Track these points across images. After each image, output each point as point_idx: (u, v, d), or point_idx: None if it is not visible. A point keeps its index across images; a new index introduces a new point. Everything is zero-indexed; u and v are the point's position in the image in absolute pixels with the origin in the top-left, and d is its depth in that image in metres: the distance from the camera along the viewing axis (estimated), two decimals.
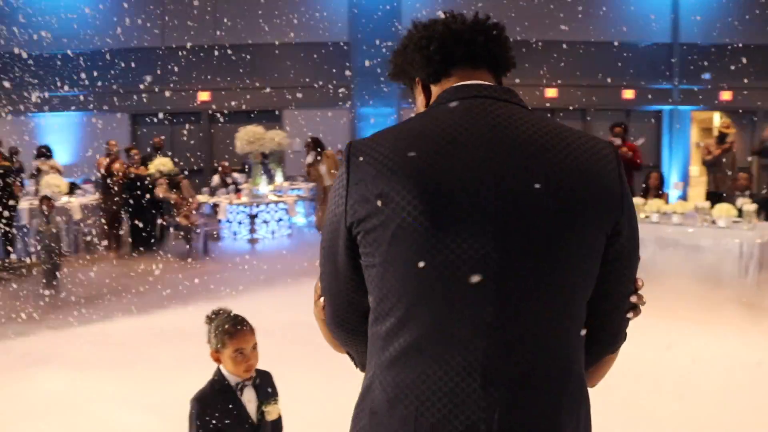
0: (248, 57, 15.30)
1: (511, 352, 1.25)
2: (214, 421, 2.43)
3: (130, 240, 10.23)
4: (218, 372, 2.53)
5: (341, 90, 15.10)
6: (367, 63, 14.38)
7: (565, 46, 14.51)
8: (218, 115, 15.45)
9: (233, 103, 15.34)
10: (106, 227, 10.22)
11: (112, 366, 5.28)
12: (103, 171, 10.46)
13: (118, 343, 5.87)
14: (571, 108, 15.52)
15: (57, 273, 8.02)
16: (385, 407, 1.30)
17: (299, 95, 14.98)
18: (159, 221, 10.61)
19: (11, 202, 9.53)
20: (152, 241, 10.20)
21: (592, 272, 1.32)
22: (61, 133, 15.82)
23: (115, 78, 15.34)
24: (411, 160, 1.27)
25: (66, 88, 15.37)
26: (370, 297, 1.35)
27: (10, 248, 9.52)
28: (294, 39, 15.02)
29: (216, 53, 15.09)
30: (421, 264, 1.24)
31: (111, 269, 9.11)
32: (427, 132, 1.31)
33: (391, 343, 1.30)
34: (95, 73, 15.31)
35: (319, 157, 11.15)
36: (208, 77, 15.41)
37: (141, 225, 9.57)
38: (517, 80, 13.81)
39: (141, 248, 9.84)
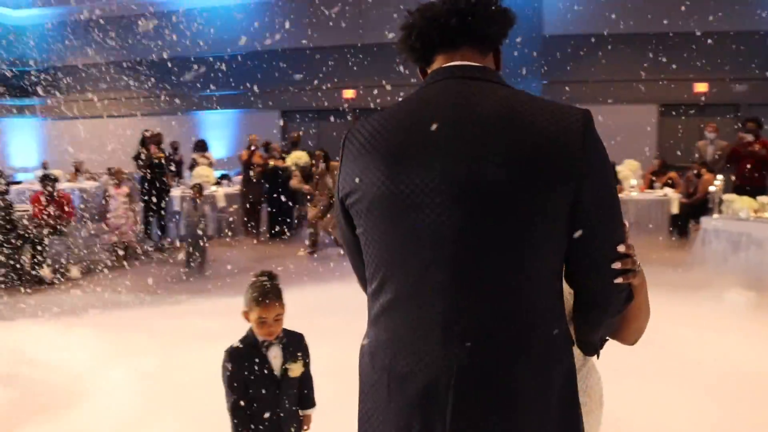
0: (391, 55, 15.67)
1: (468, 313, 1.35)
2: (241, 372, 2.71)
3: (267, 226, 10.90)
4: (249, 329, 2.79)
5: None
6: (506, 60, 14.31)
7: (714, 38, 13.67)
8: (362, 112, 15.97)
9: (377, 100, 15.83)
10: (246, 214, 10.95)
11: None
12: (243, 162, 11.22)
13: None
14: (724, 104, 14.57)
15: (201, 254, 8.75)
16: (368, 359, 1.49)
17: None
18: (296, 211, 11.21)
19: (165, 190, 10.48)
20: (288, 228, 10.82)
21: (551, 237, 1.36)
22: (218, 129, 17.05)
23: (268, 77, 16.31)
24: (384, 140, 1.43)
25: (223, 87, 16.59)
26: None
27: (160, 232, 10.51)
28: None
29: (360, 52, 15.62)
30: (387, 230, 1.41)
31: (249, 252, 9.81)
32: (402, 113, 1.46)
33: (375, 303, 1.47)
34: (250, 74, 16.38)
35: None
36: (353, 76, 15.98)
37: (277, 213, 10.19)
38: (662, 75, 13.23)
39: (278, 235, 10.47)
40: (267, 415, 2.72)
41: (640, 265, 1.51)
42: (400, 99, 1.54)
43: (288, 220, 11.04)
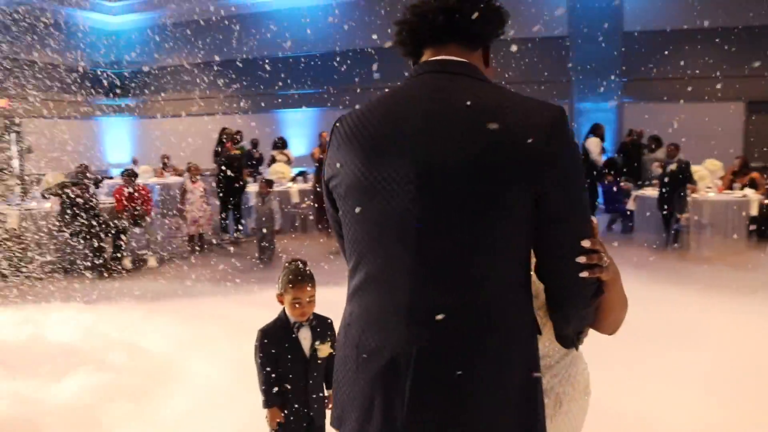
0: None
1: (431, 297, 1.43)
2: (273, 351, 2.90)
3: None
4: (282, 311, 2.97)
5: (559, 85, 14.95)
6: (586, 57, 14.11)
7: None
8: None
9: None
10: (318, 210, 11.23)
11: None
12: (315, 160, 11.50)
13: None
14: None
15: (270, 247, 9.06)
16: (343, 333, 1.61)
17: (517, 90, 15.08)
18: None
19: (240, 185, 10.87)
20: None
21: (513, 230, 1.42)
22: (298, 127, 17.48)
23: (346, 77, 16.60)
24: (364, 131, 1.52)
25: (303, 86, 17.00)
26: None
27: (237, 225, 10.92)
28: (512, 35, 15.16)
29: None
30: (360, 215, 1.51)
31: (319, 247, 10.06)
32: (382, 106, 1.55)
33: (351, 282, 1.58)
34: (328, 73, 16.72)
35: None
36: None
37: None
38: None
39: None
40: (295, 391, 2.91)
41: (611, 260, 1.54)
42: (386, 91, 1.62)
43: None
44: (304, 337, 2.94)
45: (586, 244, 1.44)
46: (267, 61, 17.31)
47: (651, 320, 5.56)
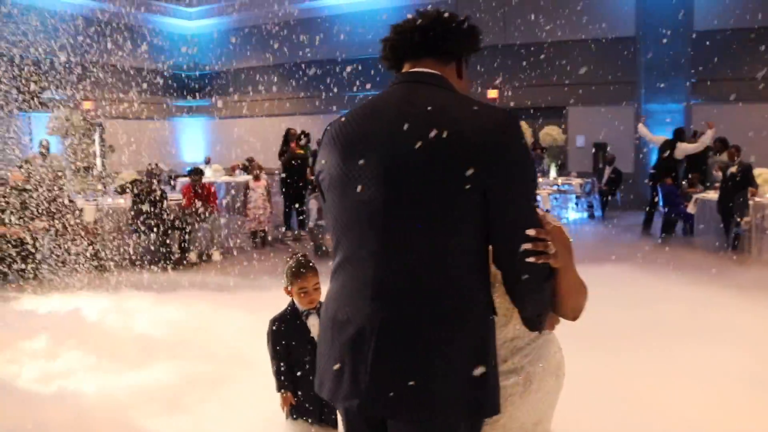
0: (534, 55, 15.68)
1: (394, 276, 1.65)
2: (284, 338, 3.16)
3: None
4: (291, 301, 3.23)
5: (626, 86, 14.76)
6: (654, 57, 13.88)
7: None
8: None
9: (518, 101, 15.88)
10: None
11: None
12: None
13: None
14: None
15: (325, 243, 9.38)
16: (324, 308, 1.87)
17: (583, 92, 14.99)
18: None
19: (303, 184, 11.24)
20: None
21: (465, 219, 1.62)
22: None
23: None
24: (345, 132, 1.77)
25: (369, 87, 17.28)
26: None
27: (298, 223, 11.30)
28: (579, 35, 15.08)
29: (503, 53, 15.73)
30: (339, 204, 1.77)
31: None
32: (362, 111, 1.79)
33: (333, 262, 1.82)
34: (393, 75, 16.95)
35: None
36: (496, 76, 16.11)
37: None
38: None
39: None
40: (307, 375, 3.13)
41: (564, 249, 1.73)
42: (369, 98, 1.88)
43: None
44: (312, 324, 3.16)
45: (531, 232, 1.62)
46: (336, 63, 17.73)
47: (706, 323, 5.61)
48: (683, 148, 10.96)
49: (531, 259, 1.63)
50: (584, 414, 3.74)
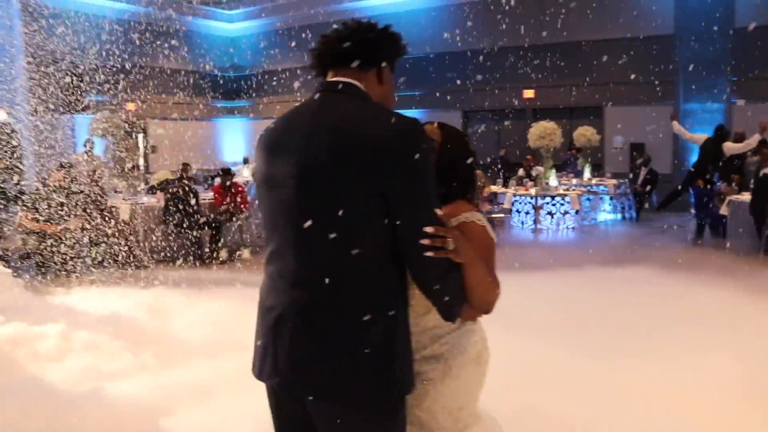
0: (571, 54, 15.59)
1: (308, 267, 1.81)
2: None
3: None
4: None
5: (665, 85, 14.56)
6: (693, 55, 13.67)
7: None
8: (540, 111, 16.04)
9: (555, 100, 15.83)
10: None
11: None
12: None
13: None
14: None
15: None
16: (259, 296, 2.00)
17: (620, 92, 14.86)
18: None
19: None
20: None
21: (365, 217, 1.76)
22: None
23: (449, 78, 16.90)
24: (270, 138, 1.94)
25: (408, 88, 17.41)
26: None
27: None
28: (617, 34, 14.93)
29: (541, 52, 15.69)
30: (265, 202, 1.95)
31: None
32: (286, 117, 1.95)
33: (266, 253, 1.98)
34: (432, 75, 17.06)
35: None
36: (533, 75, 16.07)
37: None
38: None
39: None
40: None
41: (467, 245, 1.85)
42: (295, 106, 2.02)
43: None
44: None
45: (428, 230, 1.75)
46: None
47: (732, 328, 5.54)
48: (730, 147, 10.80)
49: (429, 253, 1.76)
50: (591, 413, 3.86)
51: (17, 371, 4.74)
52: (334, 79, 1.93)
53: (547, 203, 11.57)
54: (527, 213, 11.75)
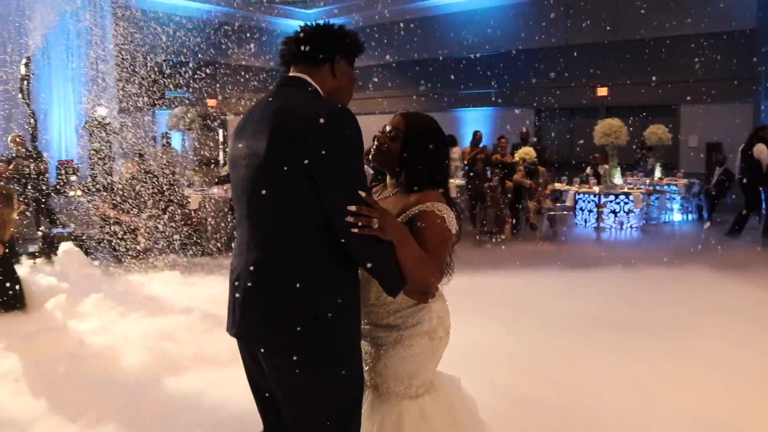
0: (646, 51, 15.29)
1: (256, 237, 2.09)
2: None
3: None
4: None
5: (744, 82, 14.09)
6: None
7: None
8: (613, 109, 15.78)
9: (629, 98, 15.55)
10: (469, 207, 11.72)
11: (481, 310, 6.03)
12: (467, 158, 12.01)
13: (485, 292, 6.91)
14: None
15: None
16: None
17: (697, 89, 14.49)
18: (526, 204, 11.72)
19: None
20: (518, 220, 11.46)
21: (297, 194, 1.99)
22: (476, 125, 17.96)
23: (522, 76, 16.86)
24: (238, 124, 2.22)
25: (480, 86, 17.48)
26: None
27: None
28: (694, 30, 14.54)
29: (615, 49, 15.46)
30: (232, 180, 2.24)
31: (465, 235, 10.65)
32: (251, 107, 2.22)
33: None
34: (505, 73, 17.06)
35: None
36: (607, 73, 15.85)
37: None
38: None
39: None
40: None
41: (398, 224, 2.07)
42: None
43: (518, 212, 11.54)
44: None
45: (352, 208, 1.95)
46: (446, 61, 18.04)
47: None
48: (758, 151, 10.45)
49: (355, 230, 1.96)
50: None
51: (86, 349, 5.05)
52: (291, 74, 2.19)
53: (611, 201, 11.45)
54: (590, 211, 11.68)
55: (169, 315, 5.89)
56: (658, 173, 13.31)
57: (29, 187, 9.40)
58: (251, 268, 2.06)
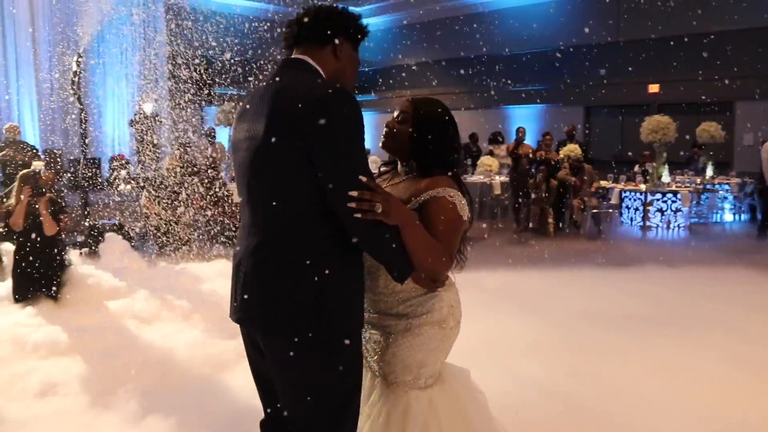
0: (700, 47, 14.86)
1: (257, 219, 2.07)
2: None
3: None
4: None
5: None
6: None
7: None
8: (665, 106, 15.40)
9: (681, 95, 15.15)
10: (514, 202, 11.63)
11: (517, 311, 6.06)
12: (509, 154, 11.90)
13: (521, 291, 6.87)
14: None
15: None
16: None
17: (752, 86, 14.04)
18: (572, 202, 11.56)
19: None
20: (562, 218, 11.33)
21: (295, 176, 1.95)
22: (525, 122, 17.76)
23: (572, 73, 16.60)
24: (240, 108, 2.20)
25: (531, 82, 17.28)
26: None
27: None
28: (749, 24, 14.08)
29: (666, 45, 15.09)
30: (234, 165, 2.24)
31: (505, 232, 10.61)
32: (253, 90, 2.21)
33: None
34: (555, 69, 16.83)
35: None
36: (659, 69, 15.48)
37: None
38: None
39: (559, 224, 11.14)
40: None
41: (402, 207, 2.02)
42: None
43: (562, 210, 11.41)
44: None
45: (353, 193, 1.90)
46: (494, 58, 17.88)
47: None
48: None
49: (358, 215, 1.91)
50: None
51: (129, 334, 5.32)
52: (290, 56, 2.16)
53: (658, 200, 11.20)
54: (636, 209, 11.44)
55: (210, 307, 5.97)
56: (709, 172, 12.95)
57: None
58: (251, 252, 2.05)
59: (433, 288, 2.26)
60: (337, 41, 2.13)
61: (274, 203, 2.00)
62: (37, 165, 6.36)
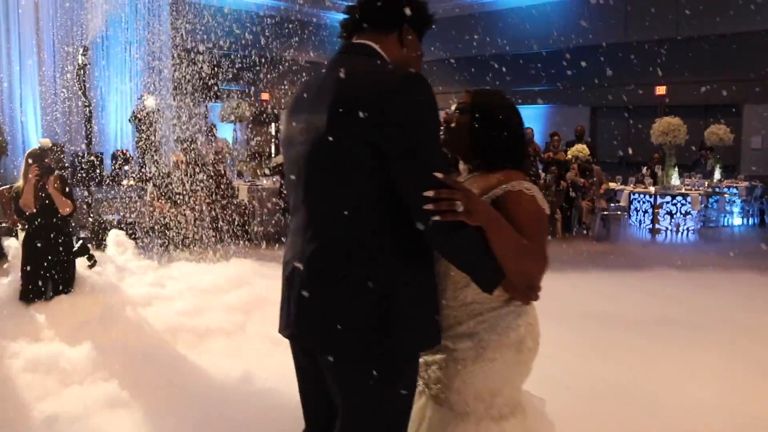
0: (707, 49, 14.78)
1: (314, 223, 1.85)
2: None
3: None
4: None
5: None
6: None
7: None
8: (673, 108, 15.29)
9: (689, 97, 15.05)
10: None
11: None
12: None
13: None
14: None
15: None
16: None
17: (761, 89, 13.95)
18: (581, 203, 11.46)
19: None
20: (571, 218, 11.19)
21: (361, 173, 1.76)
22: (530, 123, 17.68)
23: (578, 74, 16.49)
24: (293, 98, 2.01)
25: (536, 83, 17.18)
26: None
27: None
28: (758, 26, 13.98)
29: (675, 47, 14.99)
30: (285, 161, 2.02)
31: None
32: (309, 78, 2.03)
33: None
34: (561, 70, 16.71)
35: None
36: (666, 71, 15.36)
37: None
38: None
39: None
40: None
41: (486, 207, 1.79)
42: None
43: (571, 211, 11.30)
44: None
45: (429, 194, 1.67)
46: (501, 57, 17.76)
47: None
48: None
49: (436, 218, 1.68)
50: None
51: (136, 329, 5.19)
52: (353, 42, 1.97)
53: (667, 203, 11.09)
54: (645, 212, 11.33)
55: (213, 303, 5.92)
56: (717, 175, 12.86)
57: None
58: (308, 261, 1.84)
59: (530, 297, 1.99)
60: (403, 28, 1.96)
61: (335, 204, 1.79)
62: (44, 143, 6.08)
